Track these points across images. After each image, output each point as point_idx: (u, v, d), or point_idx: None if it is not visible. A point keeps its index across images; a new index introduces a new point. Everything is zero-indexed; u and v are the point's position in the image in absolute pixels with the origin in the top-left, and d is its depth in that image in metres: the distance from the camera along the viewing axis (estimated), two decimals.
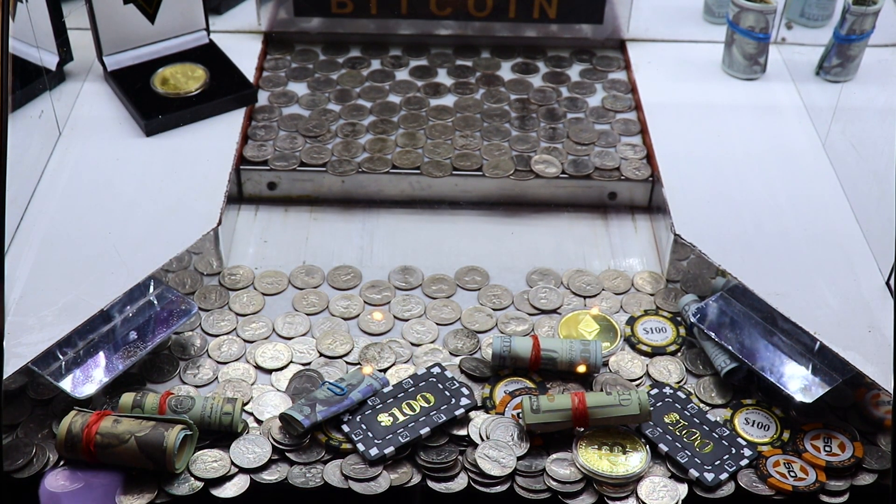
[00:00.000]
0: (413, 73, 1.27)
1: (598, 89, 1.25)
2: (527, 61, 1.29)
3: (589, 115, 1.20)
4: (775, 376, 0.89)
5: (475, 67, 1.28)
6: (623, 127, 1.18)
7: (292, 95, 1.22)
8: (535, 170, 1.10)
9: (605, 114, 1.20)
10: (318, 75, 1.26)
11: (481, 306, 0.99)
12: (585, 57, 1.30)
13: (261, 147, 1.13)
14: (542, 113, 1.20)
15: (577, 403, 0.84)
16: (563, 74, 1.27)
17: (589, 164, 1.12)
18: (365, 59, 1.29)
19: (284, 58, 1.28)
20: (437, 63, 1.29)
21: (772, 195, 1.06)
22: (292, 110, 1.20)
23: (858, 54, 1.20)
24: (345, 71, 1.27)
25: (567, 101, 1.22)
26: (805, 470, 0.84)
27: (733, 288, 0.96)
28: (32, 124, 1.07)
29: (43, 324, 0.88)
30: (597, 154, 1.13)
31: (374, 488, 0.82)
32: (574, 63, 1.29)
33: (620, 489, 0.82)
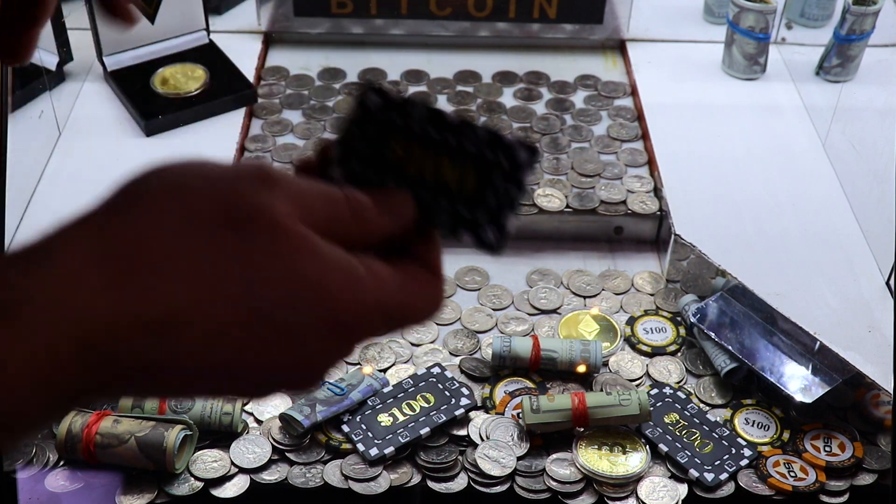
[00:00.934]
0: None
1: (603, 117, 1.20)
2: (529, 87, 1.25)
3: (594, 145, 1.16)
4: (775, 376, 0.89)
5: (476, 94, 1.24)
6: (629, 157, 1.13)
7: (287, 124, 1.17)
8: (539, 203, 1.07)
9: (611, 143, 1.16)
10: (314, 102, 1.21)
11: (481, 306, 0.99)
12: (590, 82, 1.26)
13: None
14: (546, 143, 1.16)
15: (577, 403, 0.84)
16: (567, 101, 1.23)
17: (594, 197, 1.08)
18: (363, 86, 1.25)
19: (279, 83, 1.24)
20: (437, 90, 1.25)
21: (772, 195, 1.06)
22: (286, 140, 1.15)
23: (858, 54, 1.20)
24: (341, 97, 1.22)
25: (571, 130, 1.18)
26: (805, 470, 0.84)
27: (733, 288, 0.96)
28: (32, 124, 1.07)
29: None
30: (602, 186, 1.09)
31: (373, 488, 0.82)
32: (578, 89, 1.25)
33: (620, 489, 0.82)
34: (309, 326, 0.35)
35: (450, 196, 0.41)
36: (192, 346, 0.33)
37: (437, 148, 0.41)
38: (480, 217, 0.41)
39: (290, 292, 0.34)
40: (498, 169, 0.40)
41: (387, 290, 0.37)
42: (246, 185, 0.35)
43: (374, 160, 0.41)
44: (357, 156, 0.41)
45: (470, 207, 0.41)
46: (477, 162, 0.40)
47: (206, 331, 0.33)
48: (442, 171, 0.41)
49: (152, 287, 0.32)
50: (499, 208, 0.41)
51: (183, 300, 0.33)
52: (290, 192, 0.36)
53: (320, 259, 0.35)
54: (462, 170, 0.41)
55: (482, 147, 0.40)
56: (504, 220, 0.41)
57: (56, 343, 0.31)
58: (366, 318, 0.36)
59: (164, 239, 0.33)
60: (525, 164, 0.40)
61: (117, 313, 0.32)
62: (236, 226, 0.34)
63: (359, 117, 0.41)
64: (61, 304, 0.31)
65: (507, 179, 0.40)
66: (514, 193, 0.40)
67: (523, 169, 0.40)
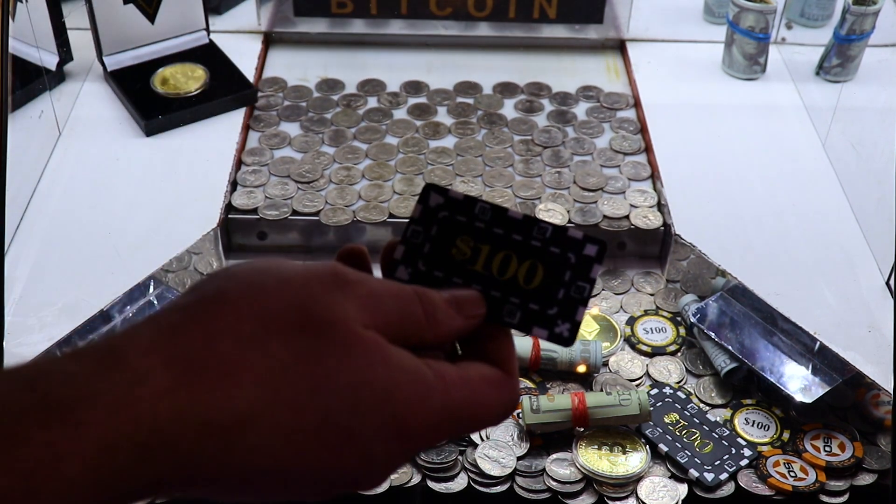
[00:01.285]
0: (411, 112, 1.20)
1: (605, 129, 1.18)
2: (531, 98, 1.23)
3: (596, 158, 1.13)
4: (775, 376, 0.89)
5: (476, 105, 1.21)
6: (632, 171, 1.11)
7: (284, 136, 1.15)
8: (540, 218, 1.05)
9: (614, 156, 1.13)
10: (312, 114, 1.19)
11: None
12: (592, 94, 1.24)
13: (250, 194, 1.05)
14: (548, 156, 1.13)
15: (576, 403, 0.84)
16: (569, 113, 1.21)
17: (597, 212, 1.05)
18: (361, 97, 1.22)
19: (277, 95, 1.22)
20: (437, 101, 1.22)
21: (772, 195, 1.06)
22: (284, 153, 1.13)
23: (858, 54, 1.20)
24: (339, 110, 1.20)
25: (573, 142, 1.16)
26: (805, 470, 0.84)
27: (733, 288, 0.96)
28: (32, 124, 1.07)
29: (43, 324, 0.88)
30: (605, 201, 1.06)
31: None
32: (580, 100, 1.23)
33: (620, 489, 0.82)
34: (374, 433, 0.35)
35: (519, 291, 0.41)
36: (254, 450, 0.33)
37: (503, 245, 0.42)
38: (552, 312, 0.41)
39: (357, 400, 0.35)
40: (567, 264, 0.42)
41: (455, 395, 0.38)
42: (321, 290, 0.35)
43: (440, 259, 0.42)
44: (422, 255, 0.42)
45: (540, 302, 0.41)
46: (544, 258, 0.42)
47: (270, 436, 0.33)
48: (509, 268, 0.42)
49: (220, 392, 0.33)
50: (569, 303, 0.41)
51: (250, 406, 0.33)
52: (362, 293, 0.36)
53: (389, 367, 0.36)
54: (529, 266, 0.42)
55: (548, 243, 0.42)
56: (576, 314, 0.42)
57: (115, 446, 0.31)
58: (432, 425, 0.37)
59: (236, 344, 0.33)
60: (593, 258, 0.42)
61: (181, 418, 0.32)
62: (309, 332, 0.34)
63: (421, 217, 0.42)
64: (124, 408, 0.31)
65: (575, 274, 0.42)
66: (583, 289, 0.42)
67: (592, 263, 0.42)
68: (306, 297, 0.35)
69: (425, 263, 0.42)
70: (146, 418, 0.31)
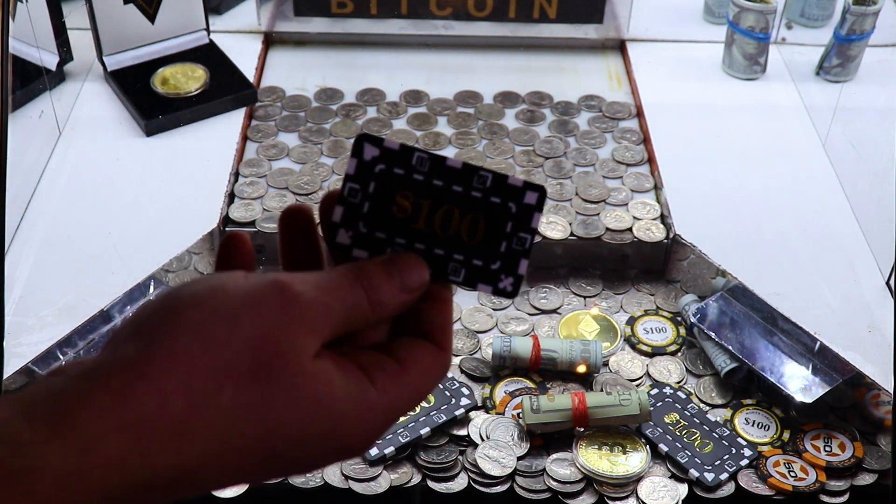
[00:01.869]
0: (411, 122, 1.19)
1: (608, 139, 1.17)
2: (532, 108, 1.22)
3: (599, 169, 1.12)
4: (775, 376, 0.89)
5: (477, 115, 1.21)
6: (635, 182, 1.10)
7: (283, 147, 1.14)
8: (541, 231, 1.03)
9: (617, 168, 1.12)
10: (311, 124, 1.18)
11: (481, 306, 0.99)
12: (594, 103, 1.23)
13: (248, 207, 1.05)
14: (549, 167, 1.13)
15: (577, 403, 0.84)
16: (571, 123, 1.19)
17: (599, 224, 1.04)
18: (360, 107, 1.21)
19: (275, 104, 1.21)
20: (437, 111, 1.21)
21: (772, 195, 1.06)
22: (282, 164, 1.12)
23: (858, 54, 1.20)
24: (338, 120, 1.19)
25: (575, 153, 1.15)
26: (805, 470, 0.84)
27: (733, 288, 0.96)
28: (32, 124, 1.07)
29: (43, 324, 0.88)
30: (607, 213, 1.05)
31: (374, 488, 0.82)
32: (582, 110, 1.22)
33: (620, 489, 0.82)
34: (319, 457, 0.38)
35: (462, 247, 0.41)
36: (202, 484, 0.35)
37: (444, 198, 0.41)
38: (495, 266, 0.41)
39: (303, 439, 0.36)
40: (507, 215, 0.41)
41: (397, 403, 0.39)
42: (270, 323, 0.36)
43: (381, 219, 0.41)
44: (362, 216, 0.41)
45: (483, 257, 0.41)
46: (486, 209, 0.41)
47: (218, 476, 0.35)
48: (451, 224, 0.41)
49: (171, 451, 0.33)
50: (512, 255, 0.41)
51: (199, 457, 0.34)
52: (308, 314, 0.36)
53: (335, 404, 0.37)
54: (472, 219, 0.41)
55: (489, 193, 0.41)
56: (518, 267, 0.41)
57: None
58: (375, 435, 0.39)
59: (188, 401, 0.34)
60: (533, 206, 0.41)
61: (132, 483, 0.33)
62: (261, 378, 0.35)
63: (357, 172, 0.41)
64: (76, 479, 0.32)
65: (516, 225, 0.41)
66: (525, 240, 0.41)
67: (532, 212, 0.41)
68: (257, 338, 0.35)
69: (366, 224, 0.41)
70: (97, 488, 0.32)
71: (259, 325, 0.35)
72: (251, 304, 0.36)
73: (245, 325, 0.35)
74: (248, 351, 0.35)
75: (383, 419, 0.38)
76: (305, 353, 0.36)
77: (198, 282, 0.37)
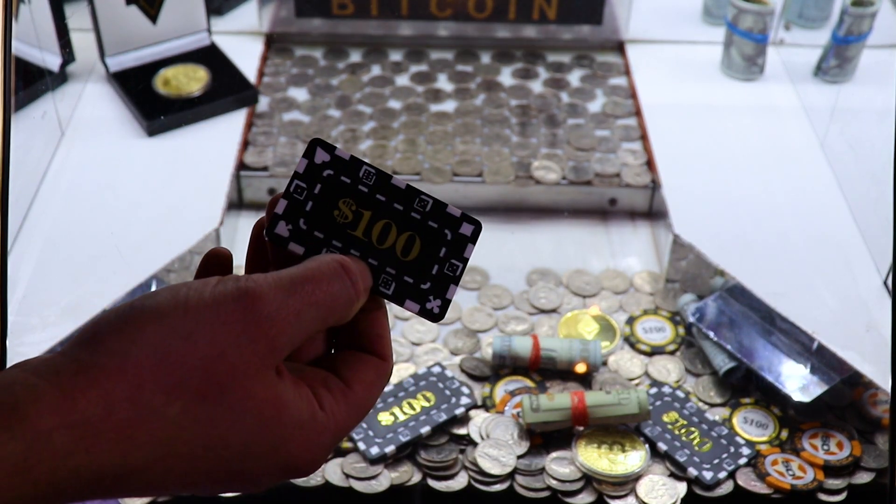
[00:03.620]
0: (413, 79, 1.26)
1: (598, 95, 1.24)
2: (527, 67, 1.28)
3: (589, 121, 1.19)
4: (773, 375, 0.89)
5: (475, 73, 1.27)
6: (623, 133, 1.17)
7: (292, 101, 1.21)
8: (536, 176, 1.10)
9: (606, 119, 1.19)
10: (319, 81, 1.25)
11: (481, 306, 1.00)
12: (586, 62, 1.29)
13: (261, 153, 1.12)
14: (543, 119, 1.19)
15: (576, 402, 0.85)
16: (564, 80, 1.27)
17: (589, 170, 1.11)
18: (365, 65, 1.28)
19: (285, 63, 1.27)
20: (438, 69, 1.28)
21: (770, 195, 1.07)
22: (293, 116, 1.19)
23: (856, 55, 1.20)
24: (345, 77, 1.26)
25: (567, 107, 1.22)
26: (803, 468, 0.84)
27: (732, 288, 0.97)
28: (35, 125, 1.08)
29: (45, 323, 0.89)
30: (597, 160, 1.12)
31: (374, 487, 0.82)
32: (575, 68, 1.29)
33: (620, 488, 0.82)
34: (264, 474, 0.38)
35: (396, 262, 0.42)
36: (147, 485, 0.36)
37: (385, 213, 0.42)
38: (425, 286, 0.42)
39: (247, 453, 0.37)
40: (443, 241, 0.42)
41: (345, 423, 0.40)
42: (227, 343, 0.36)
43: (322, 220, 0.42)
44: (304, 213, 0.42)
45: (414, 276, 0.42)
46: (423, 231, 0.42)
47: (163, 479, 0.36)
48: (388, 237, 0.42)
49: (116, 453, 0.34)
50: (442, 279, 0.42)
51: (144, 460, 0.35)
52: (273, 330, 0.37)
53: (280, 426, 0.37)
54: (408, 237, 0.42)
55: (428, 217, 0.42)
56: (447, 291, 0.42)
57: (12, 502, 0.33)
58: (320, 459, 0.39)
59: (135, 411, 0.34)
60: (468, 238, 0.42)
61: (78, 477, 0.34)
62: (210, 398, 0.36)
63: (305, 172, 0.42)
64: (25, 471, 0.33)
65: (450, 252, 0.42)
66: (456, 267, 0.42)
67: (466, 243, 0.42)
68: (212, 358, 0.36)
69: (307, 222, 0.42)
70: (44, 480, 0.33)
71: (216, 344, 0.36)
72: (212, 321, 0.36)
73: (201, 345, 0.36)
74: (202, 371, 0.35)
75: (330, 440, 0.39)
76: (260, 375, 0.36)
77: (162, 293, 0.37)
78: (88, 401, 0.34)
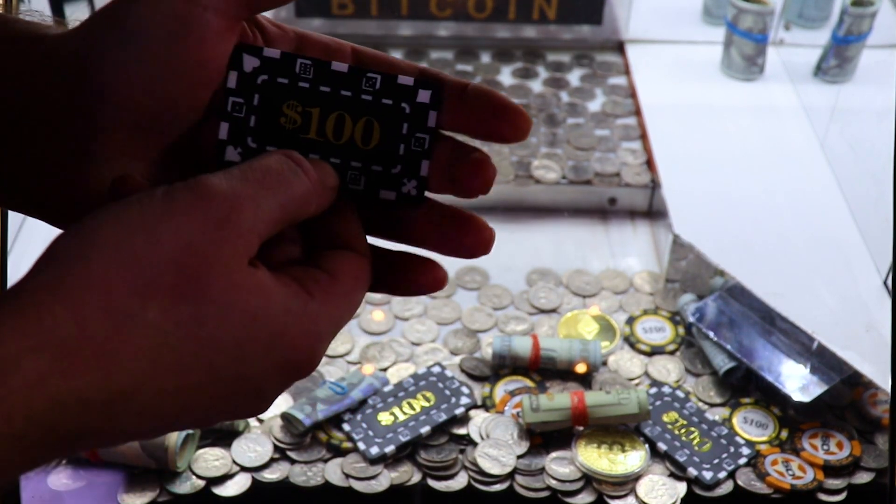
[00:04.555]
0: None
1: (598, 94, 1.25)
2: (527, 66, 1.29)
3: (589, 121, 1.20)
4: (773, 375, 0.89)
5: (475, 72, 1.28)
6: (623, 132, 1.18)
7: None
8: (535, 175, 1.10)
9: (605, 119, 1.20)
10: None
11: (481, 306, 1.00)
12: (586, 61, 1.30)
13: None
14: (543, 118, 1.20)
15: (576, 402, 0.85)
16: (564, 80, 1.27)
17: (589, 169, 1.12)
18: None
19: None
20: (438, 67, 1.27)
21: (770, 195, 1.07)
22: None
23: (856, 55, 1.20)
24: None
25: (567, 107, 1.22)
26: (803, 468, 0.84)
27: (732, 288, 0.97)
28: None
29: None
30: (597, 159, 1.13)
31: (374, 487, 0.82)
32: (574, 68, 1.29)
33: (619, 488, 0.82)
34: (263, 375, 0.35)
35: (358, 154, 0.38)
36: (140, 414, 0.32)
37: (333, 104, 0.38)
38: (395, 171, 0.38)
39: (243, 353, 0.33)
40: (402, 116, 0.38)
41: (337, 313, 0.37)
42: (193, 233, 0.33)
43: (270, 132, 0.38)
44: (249, 130, 0.38)
45: (382, 163, 0.38)
46: (378, 112, 0.38)
47: (155, 401, 0.32)
48: (344, 130, 0.38)
49: (96, 372, 0.31)
50: (412, 158, 0.38)
51: (131, 378, 0.31)
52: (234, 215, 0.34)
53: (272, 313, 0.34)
54: (365, 123, 0.38)
55: (380, 95, 0.38)
56: (420, 168, 0.38)
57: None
58: (320, 351, 0.36)
59: (109, 321, 0.31)
60: (428, 105, 0.38)
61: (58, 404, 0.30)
62: (188, 295, 0.32)
63: (238, 86, 0.38)
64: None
65: (412, 125, 0.38)
66: (423, 140, 0.38)
67: (427, 111, 0.38)
68: (179, 250, 0.32)
69: (255, 139, 0.38)
70: (20, 411, 0.29)
71: (180, 236, 0.32)
72: (170, 212, 0.33)
73: (165, 238, 0.32)
74: (172, 265, 0.32)
75: (327, 329, 0.36)
76: (236, 262, 0.33)
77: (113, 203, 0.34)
78: (56, 318, 0.30)
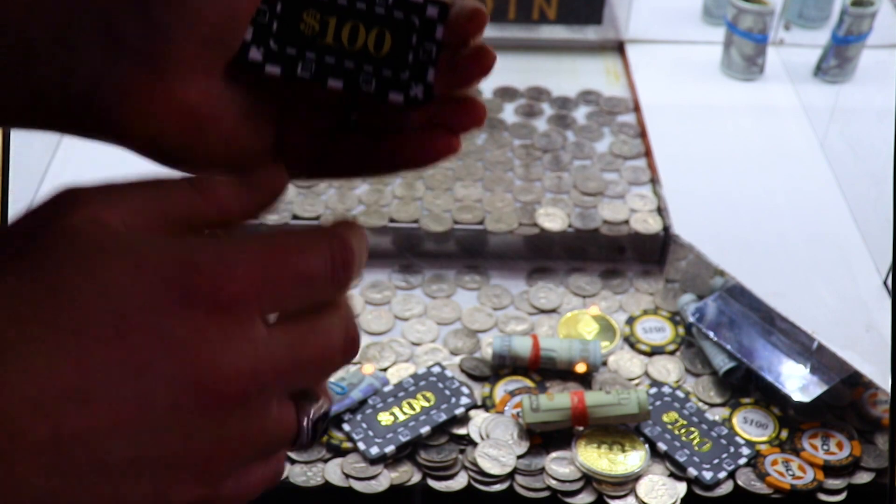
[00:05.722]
0: None
1: (605, 133, 1.19)
2: (531, 103, 1.24)
3: (596, 162, 1.14)
4: (773, 375, 0.89)
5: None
6: (632, 175, 1.12)
7: None
8: (540, 223, 1.05)
9: (614, 161, 1.14)
10: None
11: (481, 306, 1.00)
12: (592, 98, 1.24)
13: None
14: (548, 160, 1.14)
15: (576, 402, 0.85)
16: (569, 117, 1.21)
17: (596, 216, 1.06)
18: None
19: None
20: None
21: (770, 195, 1.07)
22: None
23: (856, 55, 1.20)
24: None
25: (573, 147, 1.16)
26: (803, 468, 0.84)
27: (732, 288, 0.97)
28: None
29: None
30: (605, 205, 1.07)
31: (374, 487, 0.82)
32: (580, 104, 1.24)
33: (619, 488, 0.82)
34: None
35: (371, 59, 0.43)
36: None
37: (349, 15, 0.42)
38: (404, 76, 0.43)
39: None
40: (412, 28, 0.43)
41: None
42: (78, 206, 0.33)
43: (290, 36, 0.42)
44: (272, 34, 0.42)
45: (392, 68, 0.43)
46: (390, 24, 0.43)
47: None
48: (358, 38, 0.42)
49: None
50: (419, 65, 0.43)
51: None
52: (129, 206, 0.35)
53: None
54: (378, 33, 0.43)
55: (392, 9, 0.43)
56: (426, 75, 0.43)
57: None
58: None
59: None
60: (436, 19, 0.43)
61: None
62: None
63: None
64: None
65: (421, 37, 0.43)
66: (430, 50, 0.43)
67: (435, 24, 0.43)
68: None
69: (276, 42, 0.42)
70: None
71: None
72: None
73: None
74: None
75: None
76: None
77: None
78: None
